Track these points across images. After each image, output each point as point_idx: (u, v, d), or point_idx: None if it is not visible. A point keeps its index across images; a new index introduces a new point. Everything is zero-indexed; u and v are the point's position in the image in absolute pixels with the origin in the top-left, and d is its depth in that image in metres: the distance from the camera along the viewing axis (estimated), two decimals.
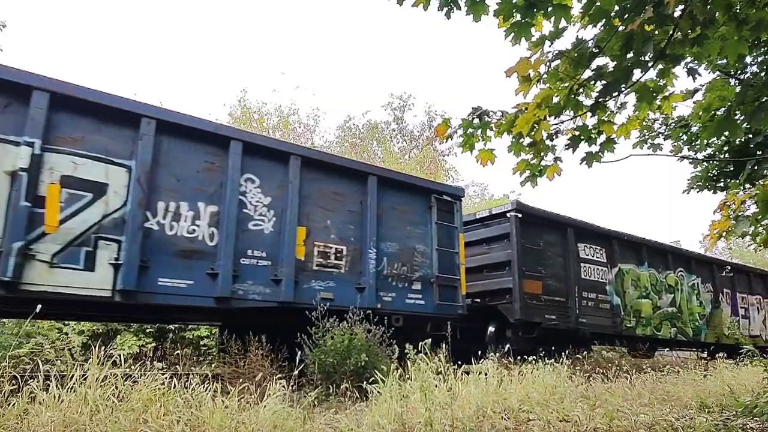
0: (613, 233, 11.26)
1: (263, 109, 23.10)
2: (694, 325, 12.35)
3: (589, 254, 10.53)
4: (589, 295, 10.18)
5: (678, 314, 12.03)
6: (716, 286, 13.37)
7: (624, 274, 11.05)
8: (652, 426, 4.13)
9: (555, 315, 9.40)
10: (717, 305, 13.21)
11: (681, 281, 12.40)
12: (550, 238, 9.88)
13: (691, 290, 12.63)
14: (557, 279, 9.73)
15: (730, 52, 3.49)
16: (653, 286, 11.68)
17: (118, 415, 3.34)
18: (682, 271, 12.53)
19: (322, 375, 5.68)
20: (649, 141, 5.93)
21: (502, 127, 4.01)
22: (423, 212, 8.29)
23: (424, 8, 3.40)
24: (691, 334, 12.20)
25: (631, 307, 10.95)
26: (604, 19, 3.49)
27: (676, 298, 12.14)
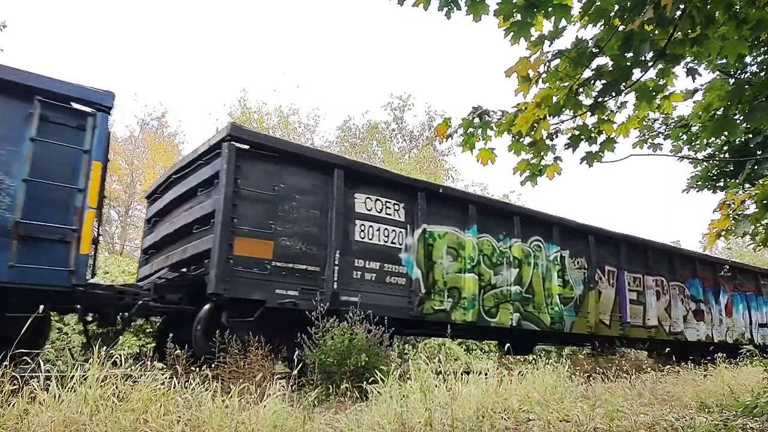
0: (420, 184, 8.47)
1: (263, 109, 23.12)
2: (553, 310, 9.42)
3: (373, 209, 7.60)
4: (369, 264, 7.35)
5: (527, 296, 9.15)
6: (592, 262, 10.39)
7: (433, 239, 8.12)
8: (652, 426, 4.13)
9: (298, 290, 6.62)
10: (592, 286, 10.26)
11: (536, 253, 9.46)
12: (302, 183, 7.02)
13: (551, 265, 9.65)
14: (308, 240, 6.87)
15: (730, 51, 3.50)
16: (486, 257, 8.72)
17: (118, 415, 3.34)
18: (538, 241, 9.60)
19: (322, 375, 5.68)
20: (649, 141, 5.93)
21: (502, 126, 4.02)
22: (17, 123, 5.48)
23: (424, 8, 3.40)
24: (549, 322, 9.33)
25: (444, 284, 8.04)
26: (603, 18, 3.50)
27: (524, 274, 9.20)
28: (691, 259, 13.19)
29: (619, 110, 4.33)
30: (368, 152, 24.94)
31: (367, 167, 8.47)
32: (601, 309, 10.39)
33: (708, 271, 13.48)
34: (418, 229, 8.04)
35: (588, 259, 10.49)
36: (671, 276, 12.25)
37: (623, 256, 11.27)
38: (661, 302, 11.81)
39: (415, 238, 7.98)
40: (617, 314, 10.71)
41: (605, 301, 10.56)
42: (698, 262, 13.27)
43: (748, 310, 14.23)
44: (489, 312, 8.59)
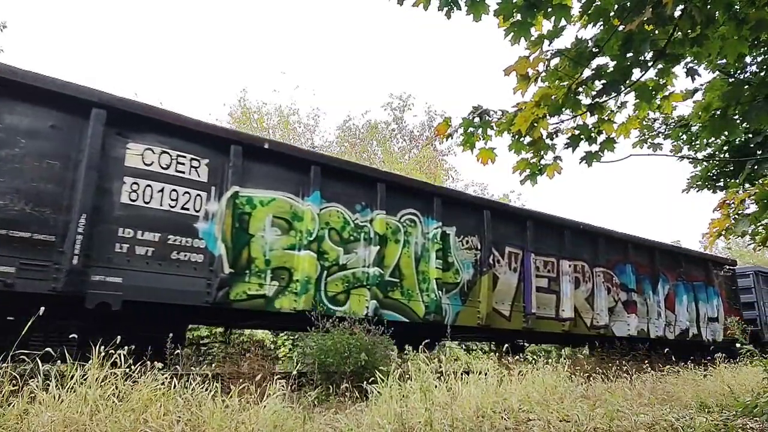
0: (234, 136, 6.62)
1: (263, 109, 23.12)
2: (429, 298, 7.66)
3: (156, 164, 5.89)
4: (143, 235, 5.65)
5: (393, 280, 7.41)
6: (487, 242, 8.58)
7: (250, 207, 6.39)
8: (652, 426, 4.13)
9: (15, 265, 4.95)
10: (486, 269, 8.46)
11: (408, 229, 7.73)
12: (33, 124, 5.28)
13: (430, 244, 7.90)
14: (37, 200, 5.15)
15: (729, 51, 3.50)
16: (334, 231, 7.03)
17: (118, 415, 3.34)
18: (413, 215, 7.90)
19: (322, 375, 5.69)
20: (649, 141, 5.93)
21: (502, 125, 4.02)
22: None
23: (425, 8, 3.40)
24: (422, 313, 7.56)
25: (267, 263, 6.37)
26: (603, 18, 3.50)
27: (389, 253, 7.46)
28: (623, 242, 11.23)
29: (619, 110, 4.33)
30: (368, 152, 24.95)
31: (149, 109, 6.03)
32: (498, 297, 8.57)
33: (644, 257, 11.61)
34: (227, 192, 6.22)
35: (481, 239, 8.60)
36: (595, 261, 10.40)
37: (530, 236, 9.32)
38: (581, 291, 9.96)
39: (222, 205, 6.17)
40: (520, 304, 8.88)
41: (504, 288, 8.70)
42: (631, 246, 11.34)
43: (695, 302, 12.44)
44: (334, 299, 6.82)
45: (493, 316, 8.40)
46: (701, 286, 12.83)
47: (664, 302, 11.67)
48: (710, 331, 12.56)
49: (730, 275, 13.88)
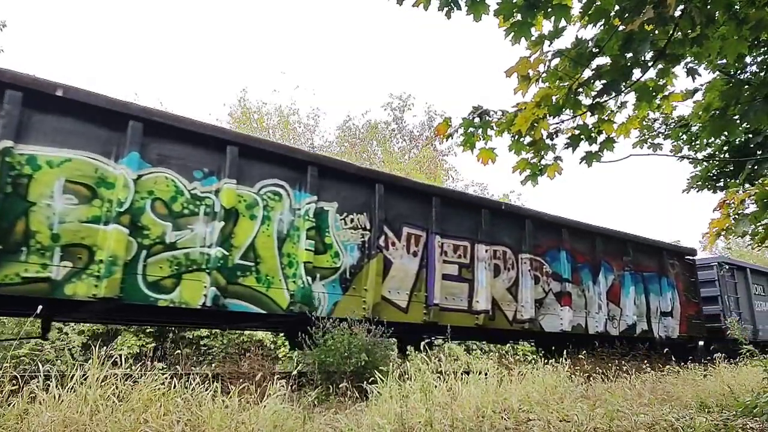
0: (6, 79, 5.10)
1: (263, 109, 23.13)
2: (295, 285, 6.46)
3: None
4: None
5: (244, 263, 6.15)
6: (377, 221, 7.39)
7: (32, 168, 5.15)
8: (652, 426, 4.13)
9: None
10: (374, 253, 7.28)
11: (269, 203, 6.51)
12: None
13: (300, 221, 6.69)
14: None
15: (729, 51, 3.50)
16: (160, 202, 5.78)
17: (118, 415, 3.34)
18: (277, 186, 6.63)
19: (322, 375, 5.69)
20: (649, 141, 5.93)
21: (502, 126, 4.02)
22: None
23: (425, 8, 3.41)
24: (285, 303, 6.34)
25: (54, 239, 5.12)
26: (603, 18, 3.50)
27: (240, 231, 6.19)
28: (555, 226, 9.84)
29: (619, 110, 4.33)
30: (368, 152, 24.96)
31: None
32: (392, 285, 7.36)
33: (583, 243, 10.29)
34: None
35: (371, 217, 7.39)
36: (521, 246, 9.10)
37: (436, 215, 8.04)
38: (502, 280, 8.70)
39: None
40: (421, 294, 7.66)
41: (399, 275, 7.49)
42: (567, 231, 9.92)
43: (646, 294, 11.20)
44: (157, 285, 5.59)
45: (383, 306, 7.16)
46: (653, 276, 11.52)
47: (607, 294, 10.34)
48: (663, 326, 11.29)
49: (690, 266, 12.72)
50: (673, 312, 11.68)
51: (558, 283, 9.57)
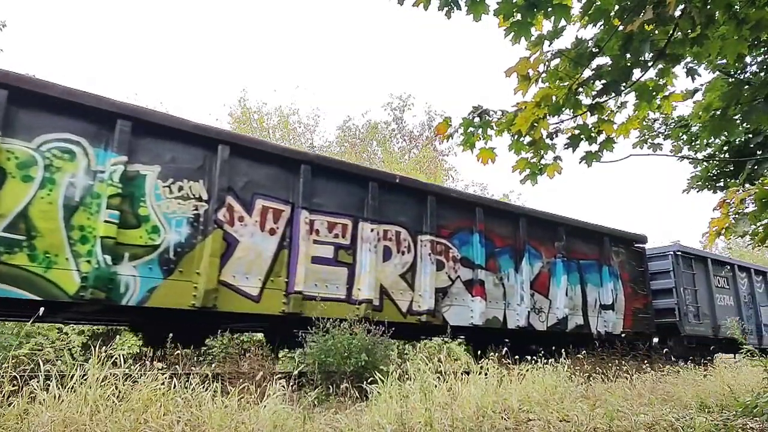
0: None
1: (263, 109, 23.13)
2: (89, 266, 5.26)
3: None
4: None
5: (10, 238, 4.94)
6: (217, 190, 6.16)
7: None
8: (652, 426, 4.13)
9: None
10: (210, 228, 6.04)
11: (51, 162, 5.26)
12: None
13: (101, 187, 5.46)
14: None
15: (729, 51, 3.50)
16: None
17: (118, 415, 3.34)
18: (70, 142, 5.38)
19: (322, 375, 5.69)
20: (649, 141, 5.93)
21: (502, 125, 4.02)
22: None
23: (425, 8, 3.41)
24: (74, 288, 5.16)
25: None
26: (603, 18, 3.50)
27: (3, 197, 4.98)
28: (467, 205, 8.56)
29: (619, 110, 4.33)
30: (368, 152, 24.96)
31: None
32: (237, 269, 6.16)
33: (503, 225, 8.93)
34: None
35: (210, 185, 6.14)
36: (420, 226, 7.83)
37: (304, 186, 6.75)
38: (394, 265, 7.48)
39: None
40: (281, 279, 6.44)
41: (248, 256, 6.25)
42: (482, 210, 8.62)
43: (583, 285, 9.99)
44: None
45: (223, 294, 5.97)
46: (592, 265, 10.32)
47: (532, 283, 9.08)
48: (603, 321, 10.11)
49: (638, 254, 11.55)
50: (615, 305, 10.44)
51: (469, 269, 8.31)
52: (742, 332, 12.21)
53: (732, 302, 13.30)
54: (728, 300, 13.24)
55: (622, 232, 11.43)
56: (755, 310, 13.95)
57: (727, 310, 12.95)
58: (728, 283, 13.53)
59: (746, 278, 14.19)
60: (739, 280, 13.82)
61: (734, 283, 13.61)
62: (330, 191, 7.14)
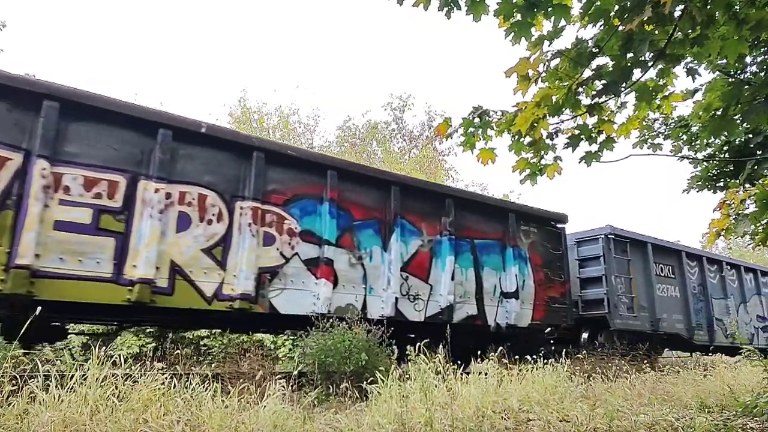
0: None
1: (263, 109, 23.14)
2: None
3: None
4: None
5: None
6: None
7: None
8: (652, 426, 4.13)
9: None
10: None
11: None
12: None
13: None
14: None
15: (730, 51, 3.50)
16: None
17: (118, 415, 3.34)
18: None
19: (322, 375, 5.69)
20: (649, 141, 5.93)
21: (502, 126, 4.03)
22: None
23: (425, 8, 3.41)
24: None
25: None
26: (603, 18, 3.50)
27: None
28: (314, 167, 7.01)
29: (619, 110, 4.33)
30: (368, 152, 24.96)
31: None
32: None
33: (368, 194, 7.43)
34: None
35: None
36: (239, 190, 6.36)
37: (45, 129, 5.21)
38: (195, 236, 5.96)
39: None
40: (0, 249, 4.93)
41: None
42: (335, 174, 7.09)
43: (477, 268, 8.39)
44: None
45: None
46: (492, 246, 8.66)
47: (405, 265, 7.54)
48: (504, 312, 8.48)
49: (555, 235, 9.78)
50: (520, 293, 8.75)
51: (313, 246, 6.80)
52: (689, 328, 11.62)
53: (677, 293, 11.82)
54: (672, 291, 11.73)
55: (534, 208, 9.64)
56: (707, 303, 12.44)
57: (671, 302, 11.54)
58: (673, 272, 11.98)
59: (696, 267, 12.68)
60: (688, 269, 12.28)
61: (681, 272, 12.10)
62: (93, 138, 5.49)
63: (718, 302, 12.81)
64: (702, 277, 12.66)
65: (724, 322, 12.71)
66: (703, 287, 12.56)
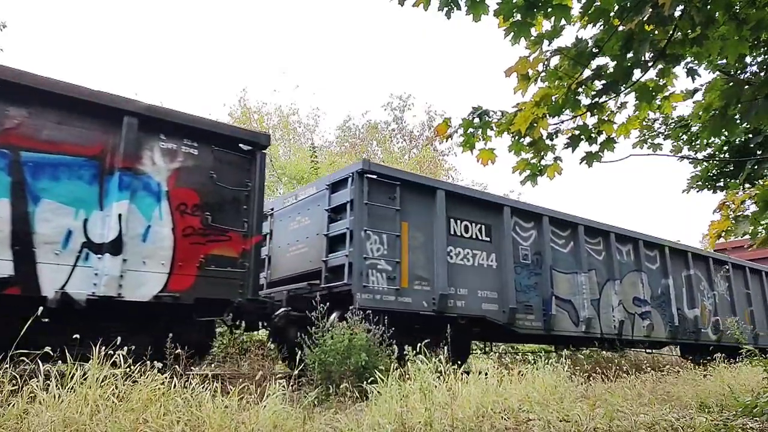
0: None
1: (263, 109, 23.15)
2: None
3: None
4: None
5: None
6: None
7: None
8: (652, 426, 4.13)
9: None
10: None
11: None
12: None
13: None
14: None
15: (730, 51, 3.50)
16: None
17: (118, 415, 3.34)
18: None
19: (322, 375, 5.69)
20: (649, 141, 5.93)
21: (502, 126, 4.02)
22: None
23: (425, 8, 3.40)
24: None
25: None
26: (603, 18, 3.50)
27: None
28: None
29: (619, 110, 4.33)
30: (368, 152, 24.96)
31: None
32: None
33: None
34: None
35: None
36: None
37: None
38: None
39: None
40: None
41: None
42: None
43: (19, 198, 5.08)
44: None
45: None
46: (70, 165, 5.40)
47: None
48: (90, 275, 5.33)
49: (236, 162, 6.50)
50: (134, 246, 5.60)
51: None
52: (506, 310, 8.04)
53: (492, 262, 8.51)
54: (483, 258, 8.42)
55: (188, 115, 6.24)
56: (545, 277, 9.17)
57: (478, 273, 8.26)
58: (488, 232, 8.61)
59: (534, 230, 9.33)
60: (518, 230, 9.03)
61: (501, 233, 8.69)
62: None
63: (566, 277, 9.52)
64: (541, 242, 9.31)
65: (575, 304, 9.54)
66: (540, 256, 9.26)
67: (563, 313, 9.34)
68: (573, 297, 9.59)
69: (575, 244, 9.98)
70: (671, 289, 11.78)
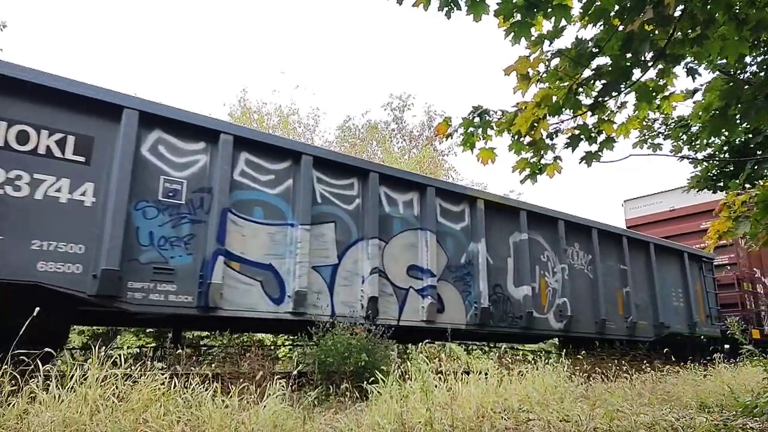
0: None
1: (263, 109, 23.14)
2: None
3: None
4: None
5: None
6: None
7: None
8: (652, 426, 4.12)
9: None
10: None
11: None
12: None
13: None
14: None
15: (730, 51, 3.50)
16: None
17: (118, 415, 3.34)
18: None
19: (322, 375, 5.69)
20: (649, 141, 5.93)
21: (502, 126, 4.03)
22: None
23: (425, 8, 3.40)
24: None
25: None
26: (603, 18, 3.50)
27: None
28: None
29: (619, 110, 4.33)
30: (368, 152, 24.96)
31: None
32: None
33: None
34: None
35: None
36: None
37: None
38: None
39: None
40: None
41: None
42: None
43: None
44: None
45: None
46: None
47: None
48: None
49: None
50: None
51: None
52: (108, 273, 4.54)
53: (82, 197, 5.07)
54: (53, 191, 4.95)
55: None
56: (211, 225, 5.69)
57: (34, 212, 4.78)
58: (73, 149, 5.08)
59: (203, 152, 5.84)
60: (123, 144, 5.25)
61: (107, 153, 5.23)
62: None
63: (263, 230, 6.17)
64: (212, 171, 5.86)
65: (279, 270, 6.19)
66: (209, 194, 5.81)
67: (247, 284, 5.94)
68: (274, 260, 6.20)
69: (295, 181, 6.51)
70: (481, 258, 8.10)
